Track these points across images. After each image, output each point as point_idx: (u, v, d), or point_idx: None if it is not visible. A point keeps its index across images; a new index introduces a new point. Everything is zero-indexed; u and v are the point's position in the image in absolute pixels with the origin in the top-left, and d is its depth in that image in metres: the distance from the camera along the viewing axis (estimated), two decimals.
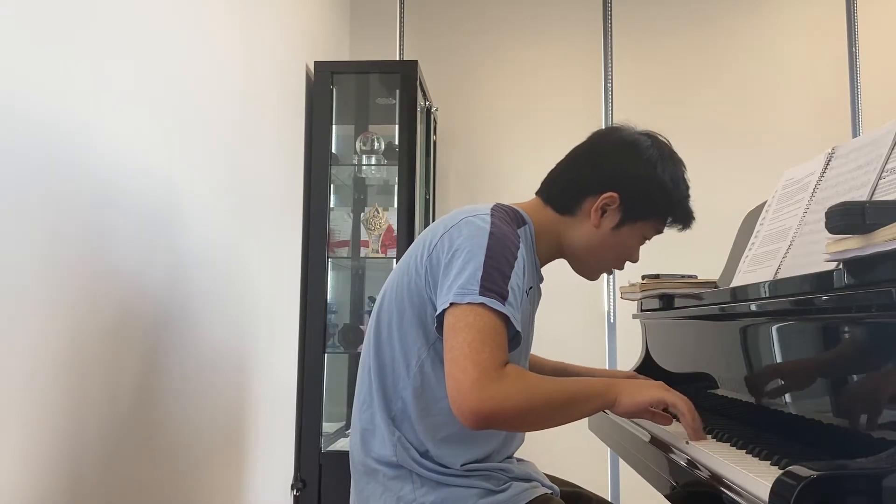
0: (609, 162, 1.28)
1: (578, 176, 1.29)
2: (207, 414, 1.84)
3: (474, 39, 3.44)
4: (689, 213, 1.31)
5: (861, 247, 0.86)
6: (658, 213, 1.29)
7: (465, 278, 1.09)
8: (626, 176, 1.26)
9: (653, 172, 1.26)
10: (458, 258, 1.12)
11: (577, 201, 1.28)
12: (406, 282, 1.20)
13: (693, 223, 1.33)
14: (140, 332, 1.50)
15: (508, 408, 1.03)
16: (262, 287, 2.25)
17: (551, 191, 1.31)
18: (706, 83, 3.35)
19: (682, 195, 1.30)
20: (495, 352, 1.05)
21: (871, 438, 0.89)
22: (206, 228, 1.83)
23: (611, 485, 3.18)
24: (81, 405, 1.29)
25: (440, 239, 1.17)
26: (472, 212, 1.19)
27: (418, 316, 1.18)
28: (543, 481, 1.26)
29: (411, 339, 1.18)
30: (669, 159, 1.28)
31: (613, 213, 1.27)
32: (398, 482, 1.16)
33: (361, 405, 1.23)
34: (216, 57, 1.90)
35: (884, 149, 1.11)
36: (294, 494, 2.60)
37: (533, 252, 1.27)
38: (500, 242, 1.13)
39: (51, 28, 1.22)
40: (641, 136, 1.29)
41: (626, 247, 1.31)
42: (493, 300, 1.07)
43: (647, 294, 1.69)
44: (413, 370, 1.18)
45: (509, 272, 1.11)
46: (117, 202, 1.42)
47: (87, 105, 1.32)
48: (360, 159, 2.97)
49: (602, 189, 1.26)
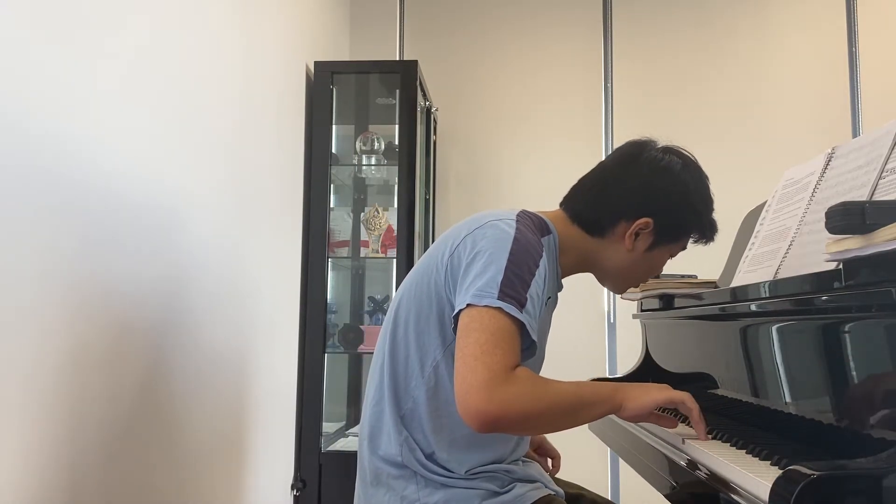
0: (643, 188, 1.26)
1: (610, 199, 1.27)
2: (207, 414, 1.84)
3: (474, 39, 3.44)
4: (715, 230, 1.32)
5: (861, 247, 0.86)
6: (689, 234, 1.31)
7: (485, 281, 1.08)
8: (660, 203, 1.26)
9: (686, 199, 1.27)
10: (480, 260, 1.11)
11: (609, 225, 1.27)
12: (426, 281, 1.19)
13: (716, 236, 1.34)
14: (140, 332, 1.50)
15: (515, 411, 1.03)
16: (262, 287, 2.25)
17: (578, 209, 1.29)
18: (706, 83, 3.35)
19: (711, 215, 1.31)
20: (507, 355, 1.04)
21: (871, 438, 0.89)
22: (206, 228, 1.83)
23: (611, 485, 3.18)
24: (81, 405, 1.29)
25: (463, 240, 1.17)
26: (498, 216, 1.19)
27: (437, 316, 1.17)
28: (548, 482, 1.26)
29: (428, 339, 1.18)
30: (700, 181, 1.29)
31: (646, 237, 1.27)
32: (402, 482, 1.16)
33: (372, 403, 1.22)
34: (216, 57, 1.90)
35: (884, 149, 1.11)
36: (294, 494, 2.60)
37: (556, 262, 1.26)
38: (523, 249, 1.12)
39: (49, 28, 1.22)
40: (672, 157, 1.28)
41: (656, 264, 1.32)
42: (510, 305, 1.06)
43: (647, 294, 1.69)
44: (428, 370, 1.17)
45: (530, 280, 1.10)
46: (117, 202, 1.42)
47: (86, 105, 1.32)
48: (360, 159, 2.97)
49: (636, 215, 1.25)
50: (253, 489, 2.18)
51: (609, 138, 3.35)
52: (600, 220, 1.27)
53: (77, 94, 1.30)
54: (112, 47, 1.40)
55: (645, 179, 1.26)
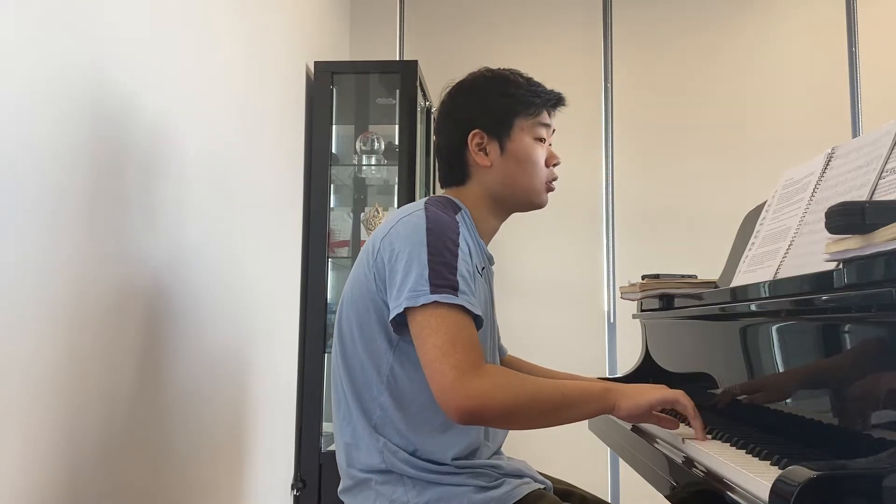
0: (454, 118, 1.34)
1: (447, 150, 1.35)
2: (207, 414, 1.84)
3: (474, 39, 3.44)
4: (540, 92, 1.35)
5: (861, 247, 0.86)
6: (517, 112, 1.33)
7: (414, 280, 1.11)
8: (471, 110, 1.33)
9: (481, 89, 1.34)
10: (402, 259, 1.14)
11: (461, 164, 1.33)
12: (360, 291, 1.21)
13: (563, 99, 1.38)
14: (140, 332, 1.50)
15: (493, 404, 1.06)
16: (262, 287, 2.25)
17: (444, 178, 1.37)
18: (706, 83, 3.35)
19: (520, 82, 1.35)
20: (468, 352, 1.07)
21: (871, 438, 0.89)
22: (206, 228, 1.83)
23: (611, 485, 3.18)
24: (80, 406, 1.29)
25: (381, 244, 1.19)
26: (407, 210, 1.22)
27: (378, 321, 1.19)
28: (535, 476, 1.27)
29: (376, 346, 1.20)
30: (486, 72, 1.37)
31: (490, 143, 1.31)
32: (389, 486, 1.16)
33: (342, 421, 1.23)
34: (216, 57, 1.90)
35: (884, 149, 1.11)
36: (294, 494, 2.60)
37: (476, 233, 1.29)
38: (439, 234, 1.15)
39: (47, 28, 1.22)
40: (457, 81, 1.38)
41: (528, 155, 1.33)
42: (446, 295, 1.09)
43: (647, 294, 1.69)
44: (385, 374, 1.19)
45: (455, 261, 1.13)
46: (117, 202, 1.42)
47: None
48: (360, 159, 2.97)
49: (465, 138, 1.31)
50: (253, 489, 2.18)
51: (609, 138, 3.35)
52: (453, 167, 1.34)
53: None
54: (112, 46, 1.40)
55: (449, 110, 1.36)
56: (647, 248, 3.27)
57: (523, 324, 2.99)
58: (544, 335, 3.08)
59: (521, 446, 1.89)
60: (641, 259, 3.20)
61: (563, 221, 3.31)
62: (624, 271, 3.26)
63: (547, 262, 3.30)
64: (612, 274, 3.30)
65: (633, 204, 3.33)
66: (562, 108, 1.39)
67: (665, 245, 3.24)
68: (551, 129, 1.38)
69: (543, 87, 1.36)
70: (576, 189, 3.33)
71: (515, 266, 3.26)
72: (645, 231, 3.30)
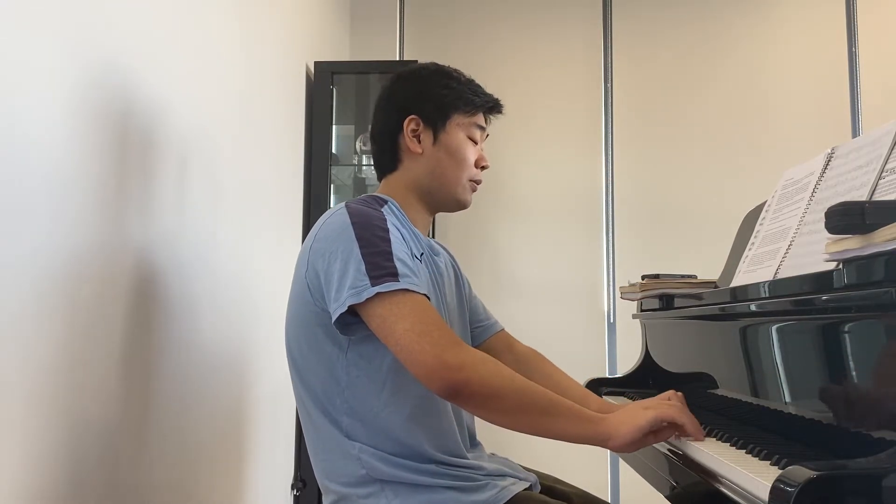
0: (390, 104, 1.35)
1: (382, 130, 1.35)
2: (207, 414, 1.84)
3: (474, 39, 3.44)
4: (480, 93, 1.37)
5: (861, 247, 0.86)
6: (455, 106, 1.34)
7: (352, 276, 1.10)
8: (411, 96, 1.33)
9: (425, 78, 1.35)
10: (336, 261, 1.13)
11: (394, 149, 1.33)
12: (299, 303, 1.21)
13: (500, 106, 1.40)
14: (139, 332, 1.50)
15: (478, 379, 1.05)
16: (261, 287, 2.25)
17: (376, 160, 1.37)
18: (706, 83, 3.35)
19: (462, 80, 1.36)
20: (442, 329, 1.07)
21: (871, 438, 0.89)
22: (206, 228, 1.83)
23: (611, 485, 3.18)
24: (80, 405, 1.29)
25: (310, 253, 1.19)
26: (328, 215, 1.22)
27: (323, 330, 1.18)
28: (518, 473, 1.25)
29: (327, 355, 1.18)
30: (431, 65, 1.39)
31: (425, 132, 1.32)
32: (373, 499, 1.14)
33: (314, 441, 1.21)
34: (216, 57, 1.90)
35: (884, 149, 1.11)
36: (294, 494, 2.60)
37: (408, 223, 1.29)
38: (365, 225, 1.15)
39: (44, 27, 1.22)
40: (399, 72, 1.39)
41: (459, 149, 1.34)
42: (387, 284, 1.08)
43: (646, 294, 1.69)
44: (343, 380, 1.18)
45: (388, 248, 1.13)
46: (117, 202, 1.42)
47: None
48: (360, 159, 2.97)
49: (400, 124, 1.32)
50: (253, 489, 2.18)
51: (609, 138, 3.35)
52: (385, 151, 1.34)
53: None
54: (111, 47, 1.40)
55: (388, 96, 1.36)
56: (646, 248, 3.27)
57: (523, 324, 2.98)
58: (544, 335, 3.07)
59: (522, 446, 1.88)
60: (641, 259, 3.20)
61: (563, 221, 3.31)
62: (624, 271, 3.26)
63: (547, 262, 3.30)
64: (611, 274, 3.30)
65: (633, 204, 3.33)
66: (498, 115, 1.41)
67: (665, 245, 3.25)
68: (485, 133, 1.39)
69: (484, 90, 1.38)
70: (576, 189, 3.33)
71: (515, 266, 3.27)
72: (645, 231, 3.30)
